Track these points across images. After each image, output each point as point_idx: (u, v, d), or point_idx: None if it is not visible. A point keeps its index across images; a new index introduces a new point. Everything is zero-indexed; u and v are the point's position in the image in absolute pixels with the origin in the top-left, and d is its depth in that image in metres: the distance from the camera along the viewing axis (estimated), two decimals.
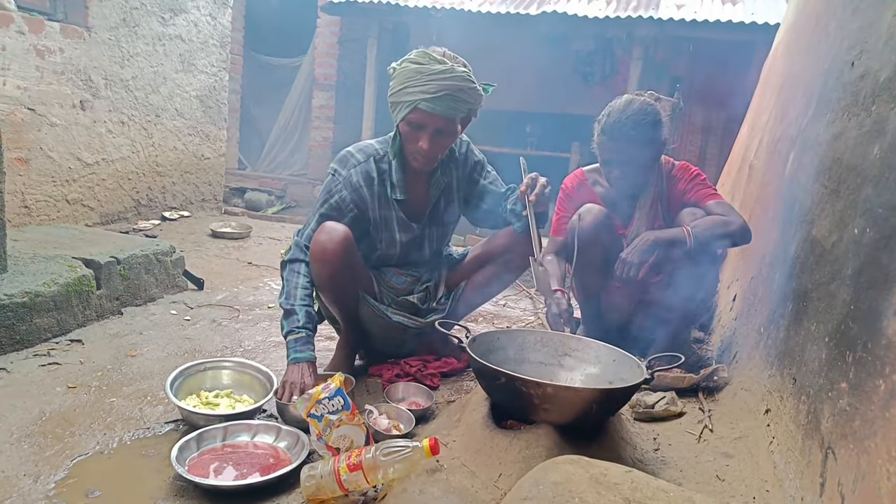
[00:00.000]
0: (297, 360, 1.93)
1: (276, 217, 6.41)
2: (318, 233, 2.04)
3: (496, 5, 6.39)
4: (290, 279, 2.05)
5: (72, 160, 4.01)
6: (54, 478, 1.54)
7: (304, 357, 1.94)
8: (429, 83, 1.90)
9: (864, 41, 1.64)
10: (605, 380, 1.77)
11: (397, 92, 1.96)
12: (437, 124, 1.96)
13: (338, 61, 7.81)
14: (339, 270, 2.04)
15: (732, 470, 1.61)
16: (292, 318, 1.98)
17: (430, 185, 2.20)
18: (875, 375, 1.14)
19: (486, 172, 2.30)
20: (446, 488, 1.42)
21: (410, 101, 1.93)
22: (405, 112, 1.95)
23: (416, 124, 1.97)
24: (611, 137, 2.23)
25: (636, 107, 2.24)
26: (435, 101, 1.91)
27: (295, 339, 1.96)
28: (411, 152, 2.05)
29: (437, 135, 1.98)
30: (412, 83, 1.92)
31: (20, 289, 2.28)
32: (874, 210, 1.32)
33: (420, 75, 1.91)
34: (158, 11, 4.57)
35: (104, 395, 2.00)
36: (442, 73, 1.91)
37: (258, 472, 1.57)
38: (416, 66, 1.93)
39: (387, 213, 2.15)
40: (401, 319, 2.23)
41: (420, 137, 1.98)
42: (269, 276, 3.66)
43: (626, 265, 2.15)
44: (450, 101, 1.93)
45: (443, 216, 2.27)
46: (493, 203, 2.28)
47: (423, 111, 1.93)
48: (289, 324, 1.98)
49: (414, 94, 1.92)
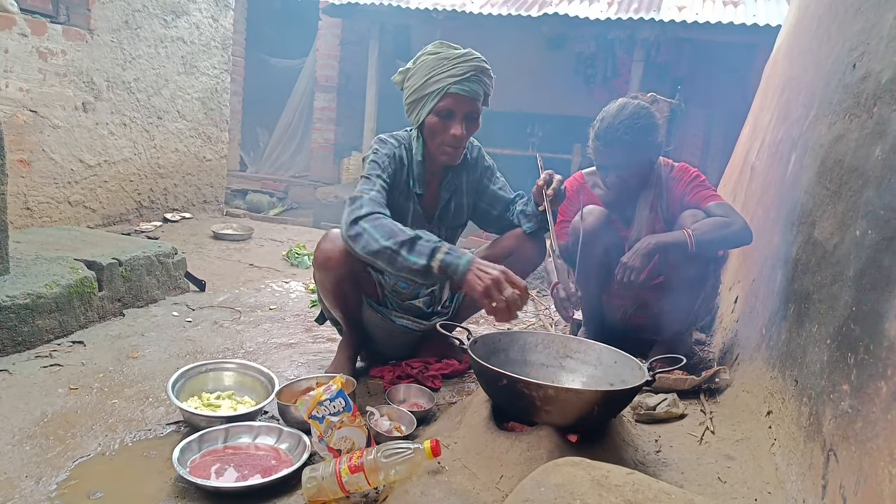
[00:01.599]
0: (469, 260, 1.68)
1: (277, 218, 6.42)
2: (323, 241, 2.04)
3: (498, 7, 6.40)
4: (379, 224, 1.78)
5: (74, 162, 4.01)
6: (56, 479, 1.54)
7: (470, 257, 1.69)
8: (455, 66, 1.94)
9: (866, 43, 1.64)
10: (607, 382, 1.77)
11: (421, 86, 1.97)
12: (466, 108, 1.98)
13: (339, 63, 7.82)
14: (343, 277, 2.04)
15: (734, 472, 1.61)
16: (421, 242, 1.72)
17: (441, 185, 2.20)
18: (877, 377, 1.14)
19: (495, 178, 2.30)
20: (448, 490, 1.42)
21: (439, 88, 1.94)
22: (434, 101, 1.96)
23: (445, 112, 1.98)
24: (605, 143, 2.24)
25: (629, 111, 2.24)
26: (464, 82, 1.95)
27: (446, 250, 1.70)
28: (441, 145, 2.03)
29: (466, 120, 2.01)
30: (437, 71, 1.95)
31: (22, 290, 2.28)
32: (876, 212, 1.32)
33: (445, 61, 1.95)
34: (160, 14, 4.58)
35: (106, 397, 2.00)
36: (463, 55, 1.97)
37: (259, 473, 1.57)
38: (435, 55, 1.97)
39: (405, 203, 2.14)
40: (405, 323, 2.23)
41: (451, 125, 1.99)
42: (271, 278, 3.66)
43: (627, 269, 2.15)
44: (476, 82, 1.97)
45: (452, 219, 2.27)
46: (502, 209, 2.28)
47: (454, 94, 1.95)
48: (423, 247, 1.71)
49: (442, 80, 1.94)
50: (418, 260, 1.70)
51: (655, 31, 6.13)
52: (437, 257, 1.69)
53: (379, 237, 1.75)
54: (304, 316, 2.99)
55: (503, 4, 6.50)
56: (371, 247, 1.76)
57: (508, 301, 1.62)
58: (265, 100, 8.31)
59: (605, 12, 6.14)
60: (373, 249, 1.76)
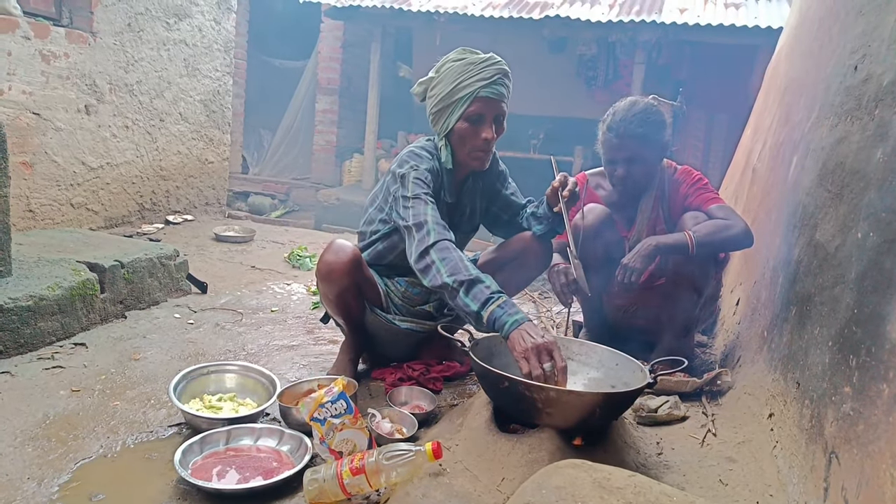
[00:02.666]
0: (519, 321, 1.63)
1: (279, 221, 6.43)
2: (326, 252, 2.05)
3: (499, 9, 6.40)
4: (447, 256, 1.78)
5: (76, 164, 4.02)
6: (58, 481, 1.54)
7: (522, 318, 1.64)
8: (482, 70, 1.96)
9: (868, 45, 1.64)
10: (608, 384, 1.77)
11: (449, 93, 1.98)
12: (495, 110, 2.00)
13: (341, 65, 7.83)
14: (346, 289, 2.05)
15: (736, 474, 1.61)
16: (479, 287, 1.70)
17: (462, 191, 2.20)
18: (879, 380, 1.14)
19: (508, 183, 2.31)
20: (449, 492, 1.42)
21: (469, 93, 1.96)
22: (464, 107, 1.97)
23: (475, 117, 1.99)
24: (617, 135, 2.24)
25: (641, 106, 2.27)
26: (493, 85, 1.96)
27: (502, 303, 1.67)
28: (472, 150, 2.04)
29: (495, 123, 2.01)
30: (465, 76, 1.96)
31: (24, 292, 2.29)
32: (877, 214, 1.32)
33: (471, 66, 1.96)
34: (163, 16, 4.60)
35: (108, 399, 2.01)
36: (489, 59, 1.99)
37: (261, 475, 1.57)
38: (461, 61, 1.98)
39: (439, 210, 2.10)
40: (410, 326, 2.23)
41: (482, 130, 2.00)
42: (273, 280, 3.67)
43: (627, 271, 2.15)
44: (502, 85, 1.99)
45: (466, 224, 2.27)
46: (512, 214, 2.28)
47: (484, 98, 1.96)
48: (480, 292, 1.70)
49: (471, 84, 1.95)
50: (472, 304, 1.70)
51: (657, 34, 6.14)
52: (489, 308, 1.67)
53: (444, 272, 1.75)
54: (306, 318, 3.00)
55: (504, 7, 6.51)
56: (436, 281, 1.77)
57: (546, 374, 1.56)
58: (267, 102, 8.33)
59: (606, 15, 6.14)
60: (437, 284, 1.77)
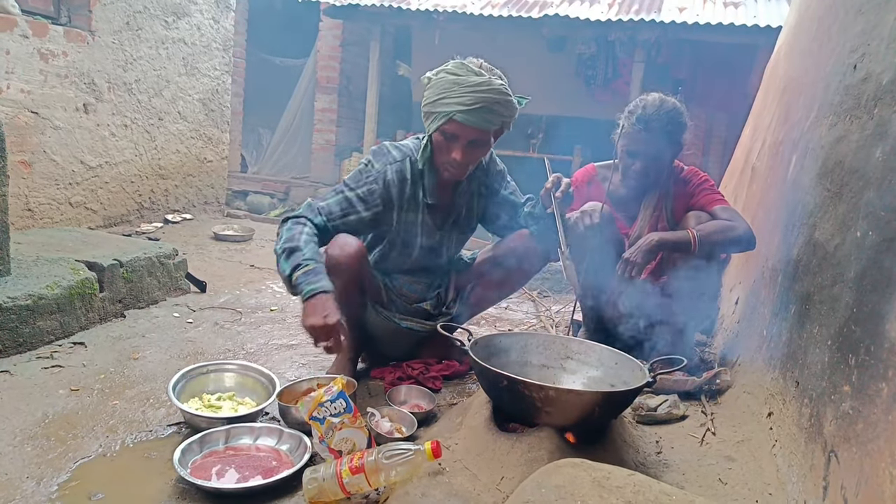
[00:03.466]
0: (313, 290, 1.72)
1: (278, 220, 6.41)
2: (331, 246, 2.03)
3: (498, 8, 6.40)
4: (292, 228, 1.89)
5: (75, 163, 4.02)
6: (57, 480, 1.54)
7: (319, 287, 1.73)
8: (465, 95, 1.89)
9: (867, 44, 1.64)
10: (608, 383, 1.77)
11: (433, 102, 1.95)
12: (470, 136, 1.95)
13: (340, 64, 7.82)
14: (350, 282, 2.05)
15: (735, 473, 1.61)
16: (296, 255, 1.79)
17: (455, 192, 2.19)
18: (878, 379, 1.14)
19: (506, 182, 2.29)
20: (448, 491, 1.42)
21: (446, 111, 1.91)
22: (440, 122, 1.94)
23: (449, 135, 1.96)
24: (646, 128, 2.23)
25: (671, 104, 2.27)
26: (471, 112, 1.90)
27: (305, 271, 1.75)
28: (443, 163, 2.03)
29: (470, 146, 1.97)
30: (449, 94, 1.91)
31: (23, 291, 2.28)
32: (876, 213, 1.32)
33: (457, 86, 1.90)
34: (162, 15, 4.59)
35: (107, 398, 2.01)
36: (479, 85, 1.90)
37: (260, 474, 1.57)
38: (453, 77, 1.92)
39: (413, 216, 2.13)
40: (410, 325, 2.23)
41: (453, 149, 1.97)
42: (272, 279, 3.66)
43: (628, 265, 2.15)
44: (486, 113, 1.91)
45: (463, 224, 2.27)
46: (512, 213, 2.27)
47: (459, 122, 1.92)
48: (292, 260, 1.79)
49: (450, 105, 1.90)
50: (286, 269, 1.80)
51: (656, 33, 6.13)
52: (297, 273, 1.78)
53: (280, 241, 1.87)
54: None
55: (504, 6, 6.50)
56: (275, 247, 1.89)
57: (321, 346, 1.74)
58: (266, 101, 8.32)
59: (605, 13, 6.14)
60: (274, 250, 1.89)
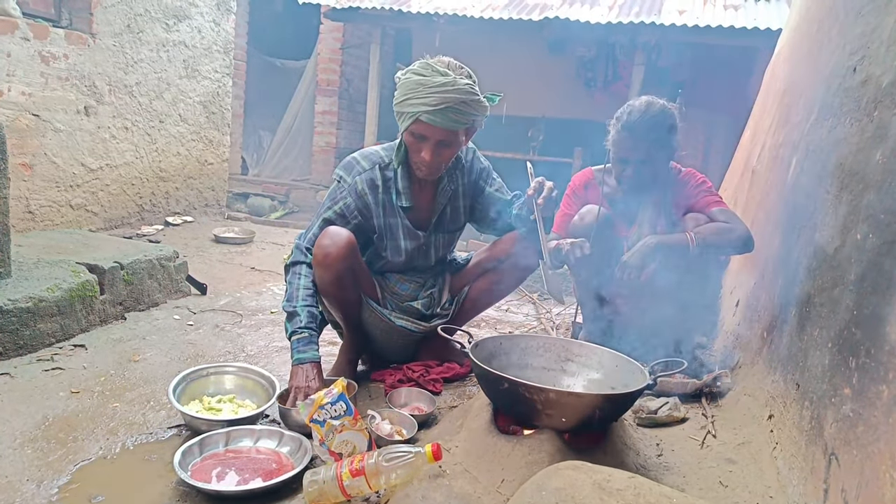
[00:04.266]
0: (301, 360, 1.94)
1: (278, 222, 6.42)
2: (322, 237, 2.04)
3: (499, 11, 6.40)
4: (292, 282, 2.06)
5: (76, 165, 4.02)
6: (57, 483, 1.54)
7: (307, 357, 1.94)
8: (429, 95, 1.89)
9: (867, 46, 1.65)
10: (608, 385, 1.77)
11: (400, 102, 1.96)
12: (438, 136, 1.95)
13: (341, 67, 7.83)
14: (342, 275, 2.04)
15: (736, 476, 1.61)
16: (295, 320, 1.99)
17: (436, 192, 2.19)
18: (878, 381, 1.14)
19: (491, 180, 2.29)
20: (448, 494, 1.42)
21: (412, 112, 1.92)
22: (408, 123, 1.95)
23: (418, 135, 1.97)
24: (632, 134, 2.22)
25: (658, 108, 2.25)
26: (435, 113, 1.90)
27: (297, 339, 1.97)
28: (415, 162, 2.05)
29: (439, 146, 1.98)
30: (414, 95, 1.91)
31: (24, 294, 2.28)
32: (877, 215, 1.32)
33: (422, 87, 1.90)
34: (162, 18, 4.60)
35: (107, 400, 2.01)
36: (443, 85, 1.89)
37: (261, 477, 1.57)
38: (418, 77, 1.92)
39: (392, 220, 2.15)
40: (404, 324, 2.23)
41: (422, 148, 1.98)
42: (272, 281, 3.67)
43: (627, 268, 2.15)
44: (451, 113, 1.91)
45: (449, 224, 2.27)
46: (499, 210, 2.27)
47: (425, 123, 1.92)
48: (291, 325, 1.99)
49: (415, 105, 1.91)
50: (287, 331, 2.01)
51: (656, 35, 6.14)
52: (292, 339, 1.98)
53: (284, 298, 2.06)
54: None
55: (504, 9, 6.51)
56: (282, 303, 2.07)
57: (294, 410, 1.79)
58: (267, 103, 8.33)
59: (605, 16, 6.15)
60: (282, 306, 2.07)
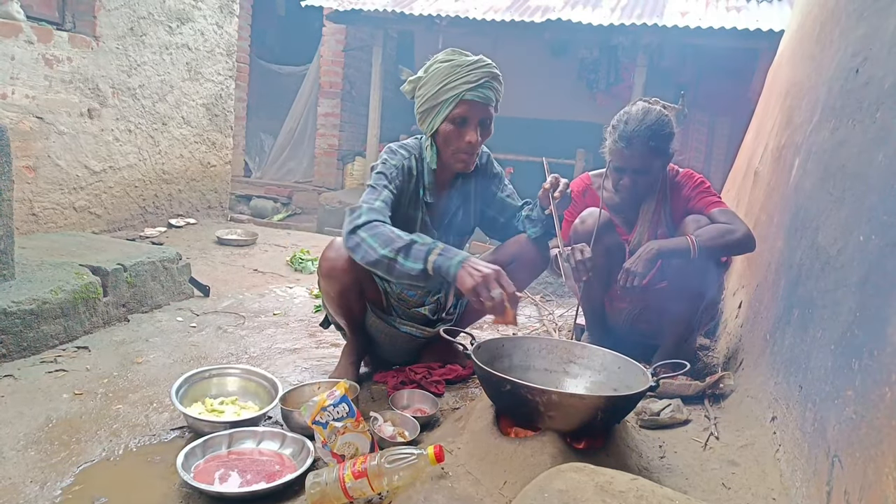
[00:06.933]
0: (462, 260, 1.67)
1: (281, 224, 6.44)
2: (328, 249, 2.05)
3: (501, 13, 6.41)
4: (376, 233, 1.78)
5: (79, 168, 4.03)
6: (60, 484, 1.55)
7: (465, 256, 1.69)
8: (469, 73, 1.95)
9: (869, 48, 1.65)
10: (611, 387, 1.77)
11: (435, 94, 1.98)
12: (480, 114, 1.99)
13: (343, 69, 7.85)
14: (348, 287, 2.05)
15: (738, 478, 1.60)
16: (416, 246, 1.71)
17: (451, 193, 2.20)
18: (881, 383, 1.14)
19: (503, 185, 2.30)
20: (451, 496, 1.42)
21: (454, 95, 1.95)
22: (449, 109, 1.97)
23: (460, 119, 1.99)
24: (628, 145, 2.20)
25: (654, 117, 2.22)
26: (479, 88, 1.95)
27: (440, 251, 1.69)
28: (456, 152, 2.04)
29: (481, 127, 2.01)
30: (451, 78, 1.96)
31: (28, 296, 2.29)
32: (879, 217, 1.32)
33: (458, 68, 1.96)
34: (165, 21, 4.61)
35: (110, 402, 2.01)
36: (476, 62, 1.98)
37: (263, 479, 1.57)
38: (448, 62, 1.98)
39: (413, 212, 2.13)
40: (409, 330, 2.23)
41: (466, 132, 2.00)
42: (275, 283, 3.67)
43: (630, 275, 2.15)
44: (489, 89, 1.98)
45: (460, 225, 2.27)
46: (509, 216, 2.28)
47: (469, 101, 1.96)
48: (418, 251, 1.71)
49: (456, 87, 1.95)
50: (415, 265, 1.71)
51: (658, 37, 6.15)
52: (430, 259, 1.69)
53: (377, 246, 1.76)
54: (308, 321, 3.00)
55: (506, 10, 6.52)
56: (370, 257, 1.77)
57: (495, 301, 1.62)
58: (269, 106, 8.35)
59: (607, 18, 6.15)
60: (371, 259, 1.76)
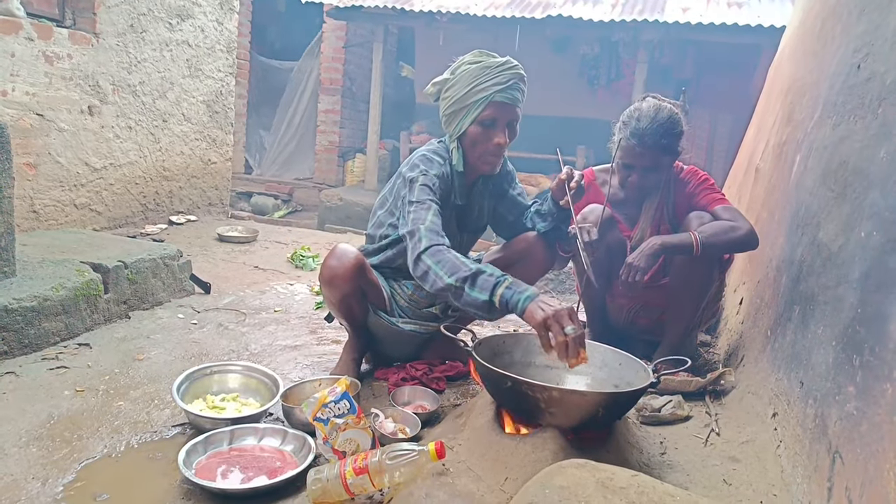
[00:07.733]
0: (531, 296, 1.60)
1: (282, 221, 6.44)
2: (329, 257, 2.05)
3: (501, 9, 6.40)
4: (441, 259, 1.75)
5: (80, 165, 4.03)
6: (62, 481, 1.55)
7: (534, 292, 1.62)
8: (499, 75, 1.95)
9: (870, 44, 1.64)
10: (612, 384, 1.77)
11: (464, 95, 1.97)
12: (509, 116, 1.99)
13: (343, 65, 7.84)
14: (349, 294, 2.06)
15: (739, 474, 1.61)
16: (483, 277, 1.67)
17: (472, 193, 2.20)
18: (882, 379, 1.14)
19: (515, 184, 2.30)
20: (452, 492, 1.42)
21: (484, 97, 1.94)
22: (478, 111, 1.96)
23: (489, 121, 1.98)
24: (640, 143, 2.19)
25: (666, 115, 2.21)
26: (507, 90, 1.95)
27: (508, 284, 1.64)
28: (483, 154, 2.03)
29: (508, 128, 2.01)
30: (481, 80, 1.94)
31: (29, 293, 2.29)
32: (881, 213, 1.32)
33: (487, 69, 1.95)
34: (166, 17, 4.60)
35: (111, 399, 2.01)
36: (505, 63, 1.97)
37: (265, 475, 1.58)
38: (477, 64, 1.96)
39: (446, 213, 2.08)
40: (412, 328, 2.23)
41: (494, 134, 1.99)
42: (276, 280, 3.67)
43: (632, 270, 2.15)
44: (517, 90, 1.98)
45: (475, 223, 2.27)
46: (518, 214, 2.28)
47: (499, 103, 1.95)
48: (485, 282, 1.66)
49: (486, 88, 1.94)
50: (480, 296, 1.66)
51: (659, 33, 6.14)
52: (498, 292, 1.64)
53: (443, 274, 1.72)
54: (309, 318, 3.00)
55: (507, 7, 6.51)
56: (437, 285, 1.74)
57: (569, 337, 1.52)
58: (270, 103, 8.34)
59: (608, 14, 6.14)
60: (440, 287, 1.74)
